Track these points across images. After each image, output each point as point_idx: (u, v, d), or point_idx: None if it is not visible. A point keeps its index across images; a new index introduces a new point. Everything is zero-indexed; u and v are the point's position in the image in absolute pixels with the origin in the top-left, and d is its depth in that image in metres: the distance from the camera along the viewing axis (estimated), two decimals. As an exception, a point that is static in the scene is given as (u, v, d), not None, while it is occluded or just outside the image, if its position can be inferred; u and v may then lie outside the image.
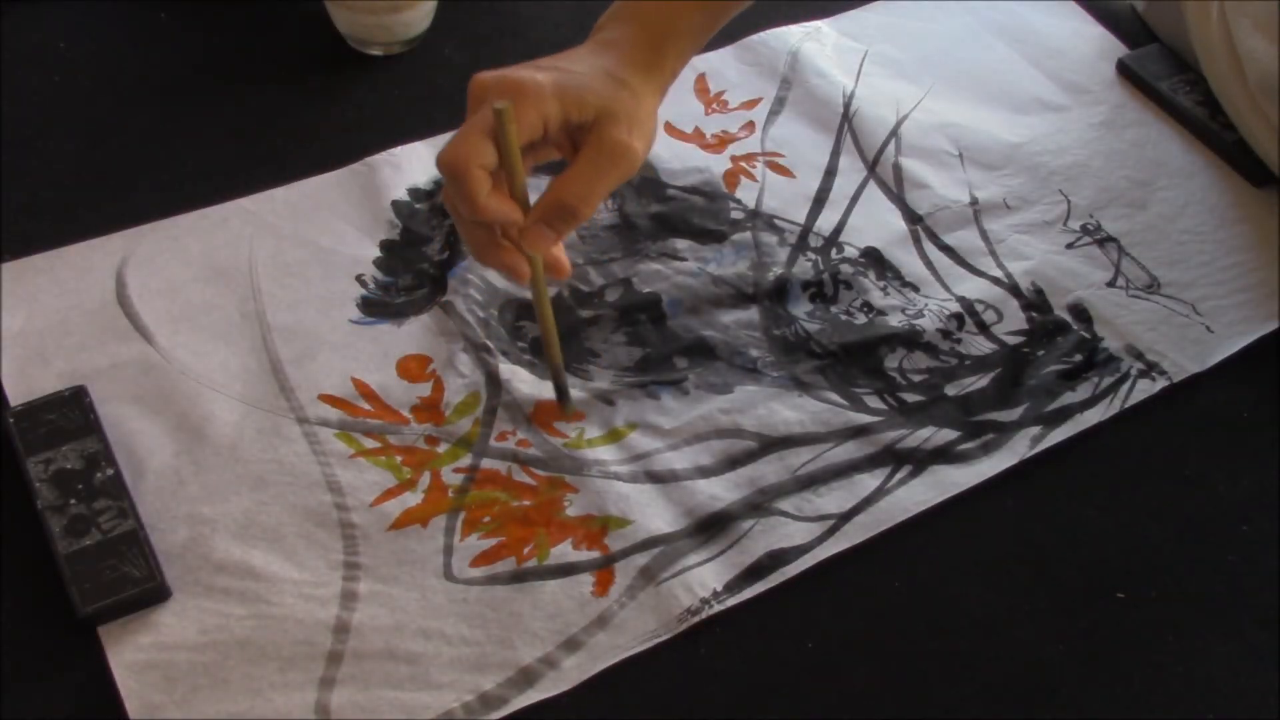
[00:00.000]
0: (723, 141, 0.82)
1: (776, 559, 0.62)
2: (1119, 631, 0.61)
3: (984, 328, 0.73)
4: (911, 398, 0.69)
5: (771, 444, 0.67)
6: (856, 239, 0.77)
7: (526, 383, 0.68)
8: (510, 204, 0.57)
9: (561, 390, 0.66)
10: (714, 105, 0.84)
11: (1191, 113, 0.85)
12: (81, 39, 0.84)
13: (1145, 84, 0.87)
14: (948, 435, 0.67)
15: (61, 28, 0.84)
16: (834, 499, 0.64)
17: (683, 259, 0.75)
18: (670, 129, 0.82)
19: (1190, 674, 0.60)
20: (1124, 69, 0.89)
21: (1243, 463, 0.68)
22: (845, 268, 0.75)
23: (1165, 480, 0.68)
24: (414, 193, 0.76)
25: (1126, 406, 0.70)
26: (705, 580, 0.61)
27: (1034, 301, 0.75)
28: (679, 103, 0.83)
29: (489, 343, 0.69)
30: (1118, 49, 0.90)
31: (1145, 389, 0.71)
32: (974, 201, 0.80)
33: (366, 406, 0.66)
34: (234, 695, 0.55)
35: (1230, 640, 0.61)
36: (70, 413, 0.63)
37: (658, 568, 0.61)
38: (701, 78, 0.85)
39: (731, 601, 0.60)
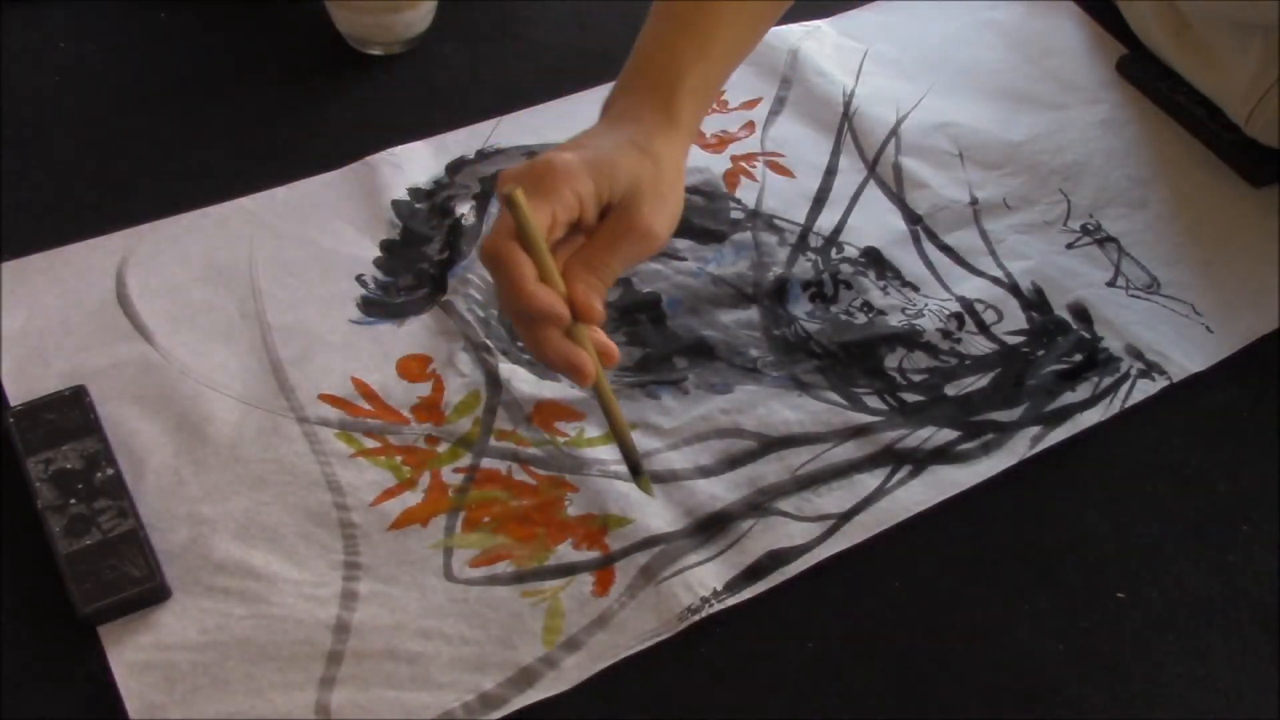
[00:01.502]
0: (722, 141, 0.82)
1: (776, 559, 0.62)
2: (1119, 631, 0.61)
3: (984, 328, 0.73)
4: (911, 398, 0.69)
5: (771, 444, 0.67)
6: (856, 239, 0.77)
7: (526, 382, 0.68)
8: (556, 295, 0.53)
9: (635, 467, 0.59)
10: (714, 105, 0.84)
11: (1191, 113, 0.85)
12: (81, 39, 0.84)
13: (1145, 84, 0.87)
14: (948, 435, 0.67)
15: (61, 28, 0.84)
16: (834, 499, 0.64)
17: (683, 259, 0.75)
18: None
19: (1190, 674, 0.60)
20: (1124, 69, 0.89)
21: (1243, 463, 0.68)
22: (845, 267, 0.75)
23: (1165, 480, 0.68)
24: (414, 193, 0.76)
25: (1126, 406, 0.70)
26: (705, 580, 0.61)
27: (1034, 301, 0.75)
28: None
29: (489, 342, 0.69)
30: (1117, 49, 0.90)
31: (1145, 389, 0.71)
32: (974, 201, 0.80)
33: (366, 406, 0.66)
34: (234, 695, 0.55)
35: (1230, 640, 0.61)
36: (70, 413, 0.63)
37: (658, 567, 0.61)
38: (701, 78, 0.85)
39: (731, 601, 0.60)
